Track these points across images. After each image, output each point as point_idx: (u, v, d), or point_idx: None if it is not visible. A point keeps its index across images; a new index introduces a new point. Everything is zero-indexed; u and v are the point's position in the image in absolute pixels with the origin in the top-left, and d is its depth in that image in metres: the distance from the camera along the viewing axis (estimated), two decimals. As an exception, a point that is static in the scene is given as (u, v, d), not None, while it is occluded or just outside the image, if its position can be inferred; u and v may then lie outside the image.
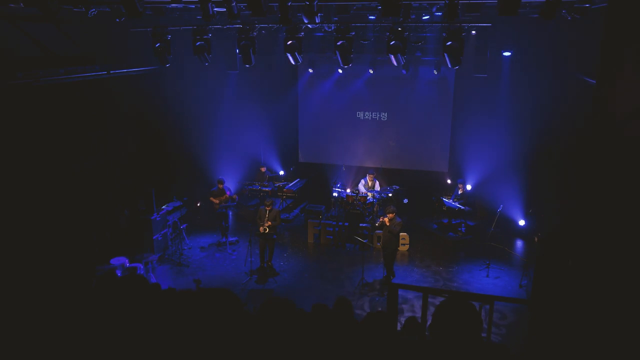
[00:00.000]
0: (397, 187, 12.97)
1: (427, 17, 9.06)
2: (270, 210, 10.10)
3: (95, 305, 3.35)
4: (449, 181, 13.35)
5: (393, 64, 8.89)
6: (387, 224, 9.57)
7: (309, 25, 8.66)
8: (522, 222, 11.76)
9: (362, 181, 12.93)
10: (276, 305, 3.04)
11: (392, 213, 9.60)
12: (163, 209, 11.31)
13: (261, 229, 10.01)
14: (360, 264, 10.12)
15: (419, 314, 7.46)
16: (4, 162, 7.78)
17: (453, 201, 12.12)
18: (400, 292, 8.96)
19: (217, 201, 11.52)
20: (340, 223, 11.72)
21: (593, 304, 5.62)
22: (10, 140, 7.86)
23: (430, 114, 13.62)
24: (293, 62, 9.12)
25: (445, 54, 8.41)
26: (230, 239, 11.48)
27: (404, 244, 11.14)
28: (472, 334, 2.63)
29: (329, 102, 14.30)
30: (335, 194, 12.85)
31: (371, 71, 12.47)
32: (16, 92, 7.86)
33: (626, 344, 4.79)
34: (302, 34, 8.86)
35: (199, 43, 9.26)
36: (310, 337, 3.06)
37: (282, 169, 14.68)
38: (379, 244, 10.75)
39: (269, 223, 10.01)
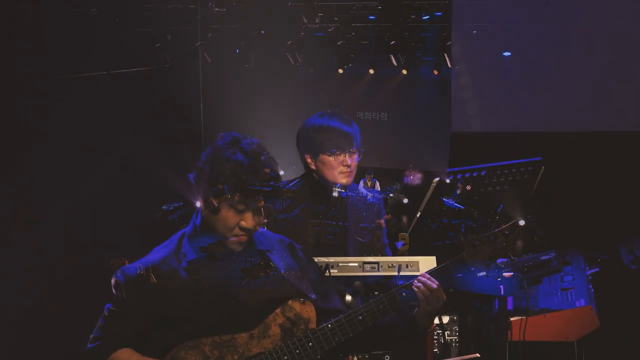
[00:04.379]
0: (397, 187, 12.95)
1: (427, 17, 9.06)
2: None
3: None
4: (447, 181, 13.33)
5: (393, 64, 8.89)
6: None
7: (308, 25, 8.67)
8: (522, 222, 11.74)
9: (362, 181, 12.90)
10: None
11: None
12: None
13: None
14: (360, 263, 10.12)
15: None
16: (4, 162, 7.78)
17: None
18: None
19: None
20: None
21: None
22: (11, 140, 7.86)
23: (430, 114, 13.59)
24: (293, 62, 9.12)
25: (445, 54, 8.42)
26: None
27: (404, 244, 11.12)
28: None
29: (329, 102, 14.26)
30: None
31: (371, 71, 12.45)
32: (15, 92, 7.85)
33: (626, 344, 4.79)
34: (302, 34, 8.87)
35: (199, 43, 9.26)
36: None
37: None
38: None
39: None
